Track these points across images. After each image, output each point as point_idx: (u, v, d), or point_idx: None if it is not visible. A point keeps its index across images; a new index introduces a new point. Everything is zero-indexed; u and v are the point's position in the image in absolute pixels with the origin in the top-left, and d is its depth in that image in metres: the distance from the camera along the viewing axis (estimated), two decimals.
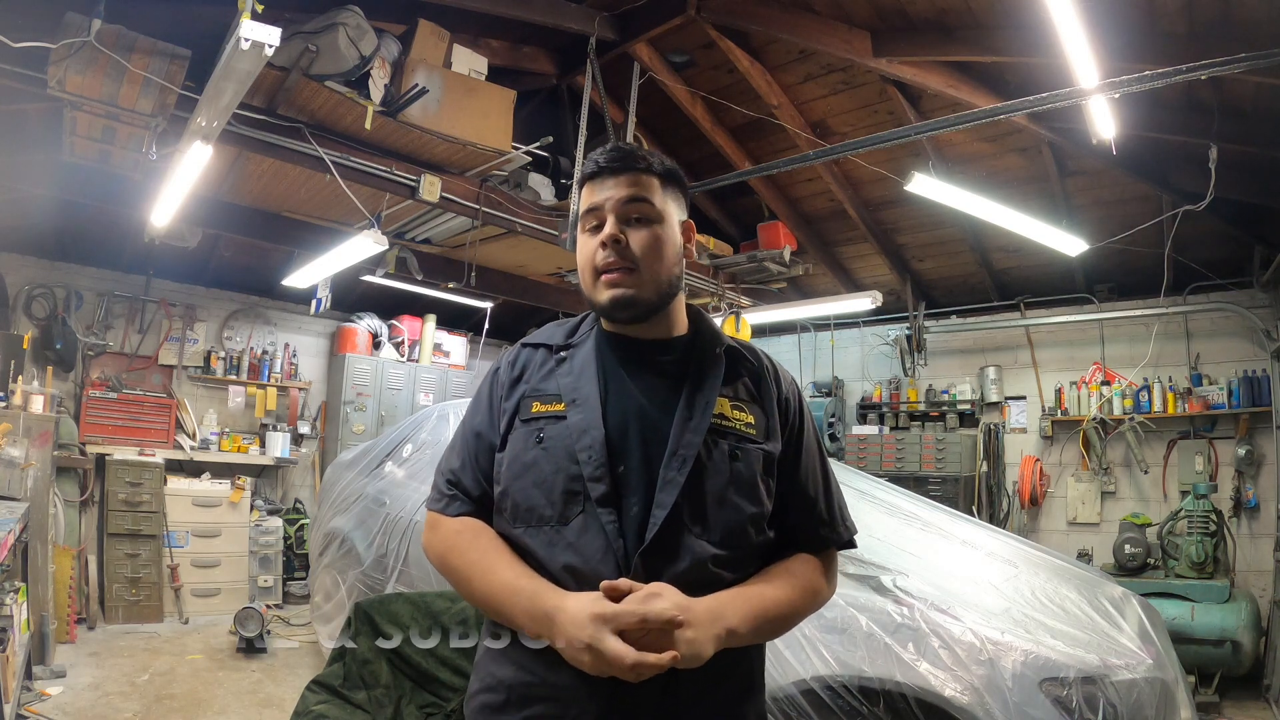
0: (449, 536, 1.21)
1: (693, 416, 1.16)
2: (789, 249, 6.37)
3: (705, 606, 1.06)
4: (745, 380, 1.26)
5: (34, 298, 6.02)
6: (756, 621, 1.11)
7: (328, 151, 4.29)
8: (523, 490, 1.15)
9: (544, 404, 1.19)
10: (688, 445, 1.13)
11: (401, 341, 7.69)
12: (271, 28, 2.70)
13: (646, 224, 1.20)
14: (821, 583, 1.24)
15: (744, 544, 1.16)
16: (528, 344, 1.30)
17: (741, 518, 1.16)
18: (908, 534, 2.91)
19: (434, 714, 2.34)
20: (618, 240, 1.18)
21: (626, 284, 1.18)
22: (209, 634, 5.47)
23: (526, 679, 1.12)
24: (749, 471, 1.18)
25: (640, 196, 1.20)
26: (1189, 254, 5.33)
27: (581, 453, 1.12)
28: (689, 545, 1.11)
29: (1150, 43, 3.75)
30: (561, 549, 1.11)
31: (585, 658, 1.01)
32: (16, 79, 3.39)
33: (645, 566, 1.08)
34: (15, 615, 3.25)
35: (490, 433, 1.23)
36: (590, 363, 1.21)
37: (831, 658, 2.06)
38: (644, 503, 1.11)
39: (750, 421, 1.21)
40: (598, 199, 1.21)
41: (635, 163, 1.22)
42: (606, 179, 1.21)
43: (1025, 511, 6.36)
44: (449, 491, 1.24)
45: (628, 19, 4.97)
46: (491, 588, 1.13)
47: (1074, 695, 2.00)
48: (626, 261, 1.18)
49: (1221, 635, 4.47)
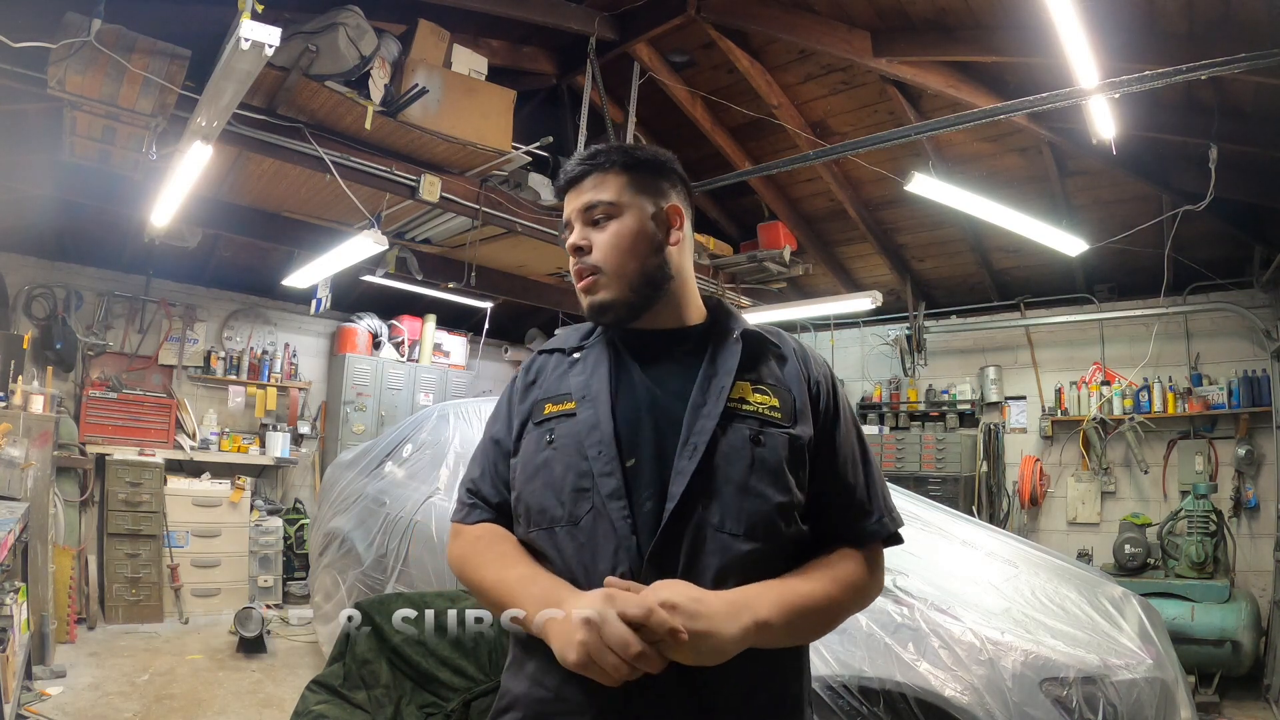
0: (469, 543, 1.19)
1: (705, 403, 1.11)
2: (789, 249, 6.38)
3: (726, 598, 0.98)
4: (770, 363, 1.19)
5: (34, 298, 6.02)
6: (790, 614, 1.01)
7: (328, 151, 4.29)
8: (534, 493, 1.14)
9: (556, 404, 1.18)
10: (700, 432, 1.08)
11: (401, 341, 7.69)
12: (271, 28, 2.69)
13: (606, 222, 1.19)
14: (866, 578, 1.13)
15: (774, 537, 1.08)
16: (544, 350, 1.29)
17: (768, 507, 1.08)
18: (908, 534, 2.89)
19: (434, 714, 2.34)
20: (579, 248, 1.19)
21: (595, 288, 1.18)
22: (209, 634, 5.47)
23: (540, 694, 1.07)
24: (774, 457, 1.10)
25: (596, 201, 1.19)
26: (1189, 254, 5.33)
27: (590, 448, 1.10)
28: (714, 539, 1.05)
29: (1150, 43, 3.75)
30: (573, 548, 1.08)
31: (571, 655, 0.93)
32: (16, 79, 3.38)
33: (664, 562, 1.03)
34: (15, 615, 3.25)
35: (506, 439, 1.23)
36: (602, 360, 1.19)
37: (831, 658, 2.06)
38: (657, 495, 1.07)
39: (774, 405, 1.13)
40: (567, 210, 1.23)
41: (595, 165, 1.21)
42: (572, 189, 1.22)
43: (1025, 511, 6.36)
44: (469, 501, 1.24)
45: (628, 19, 4.97)
46: (504, 586, 1.09)
47: (1074, 695, 2.00)
48: (591, 266, 1.18)
49: (1221, 635, 4.47)
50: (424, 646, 2.46)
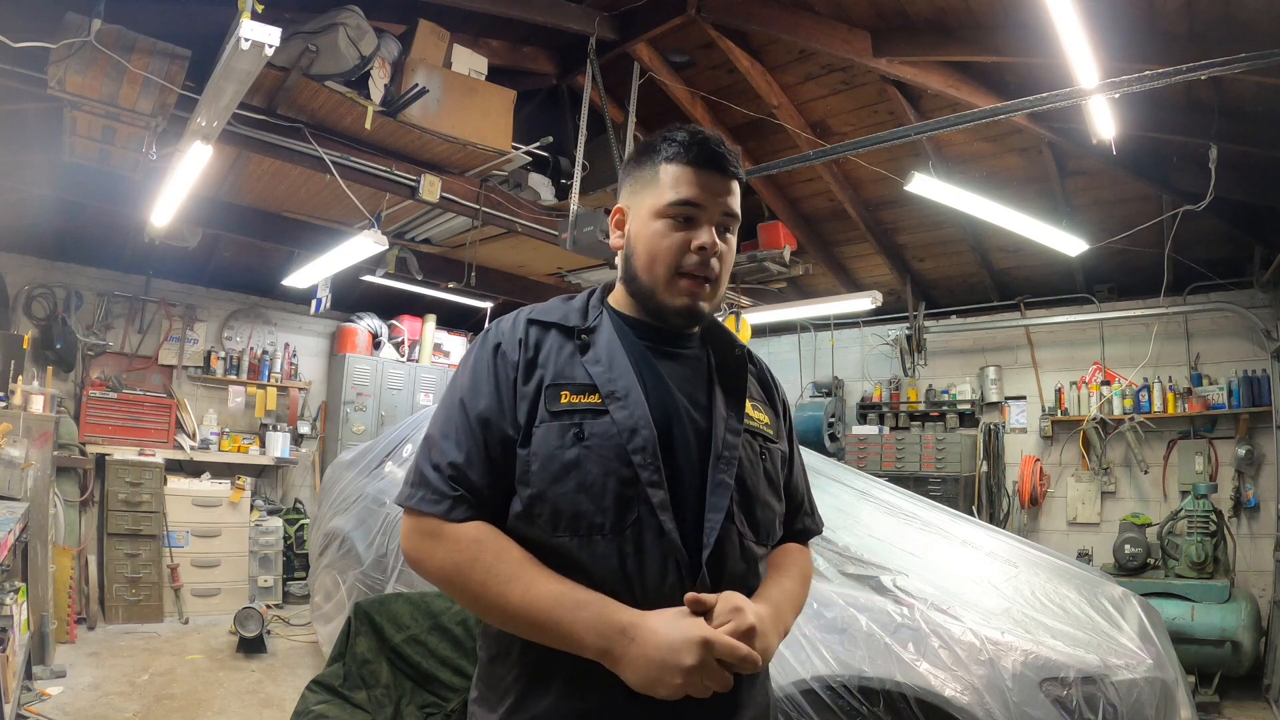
0: (467, 547, 1.03)
1: (729, 416, 1.15)
2: (789, 249, 6.37)
3: (768, 611, 1.07)
4: (754, 382, 1.27)
5: (34, 298, 6.02)
6: (794, 615, 1.17)
7: (328, 151, 4.29)
8: (565, 495, 1.04)
9: (576, 394, 1.08)
10: (730, 446, 1.12)
11: (401, 341, 7.70)
12: (271, 28, 2.70)
13: (731, 238, 1.17)
14: (812, 570, 1.32)
15: (773, 540, 1.21)
16: (536, 320, 1.16)
17: (774, 516, 1.19)
18: (908, 534, 2.91)
19: (434, 714, 2.34)
20: (717, 252, 1.13)
21: (704, 296, 1.14)
22: (209, 634, 5.47)
23: (579, 706, 1.03)
24: (774, 470, 1.20)
25: (736, 212, 1.16)
26: (1189, 254, 5.33)
27: (635, 454, 1.04)
28: (745, 547, 1.11)
29: (1150, 43, 3.75)
30: (617, 559, 1.03)
31: (677, 679, 0.95)
32: (16, 79, 3.39)
33: (714, 572, 1.06)
34: (15, 615, 3.25)
35: (502, 421, 1.07)
36: (619, 351, 1.13)
37: (831, 658, 2.06)
38: (693, 505, 1.08)
39: (767, 422, 1.23)
40: (699, 196, 1.12)
41: (736, 167, 1.16)
42: (712, 175, 1.13)
43: (1025, 511, 6.36)
44: (452, 491, 1.05)
45: (628, 19, 4.97)
46: (541, 602, 0.99)
47: (1074, 695, 2.00)
48: (712, 274, 1.14)
49: (1221, 635, 4.47)
50: (424, 646, 2.46)
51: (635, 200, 1.18)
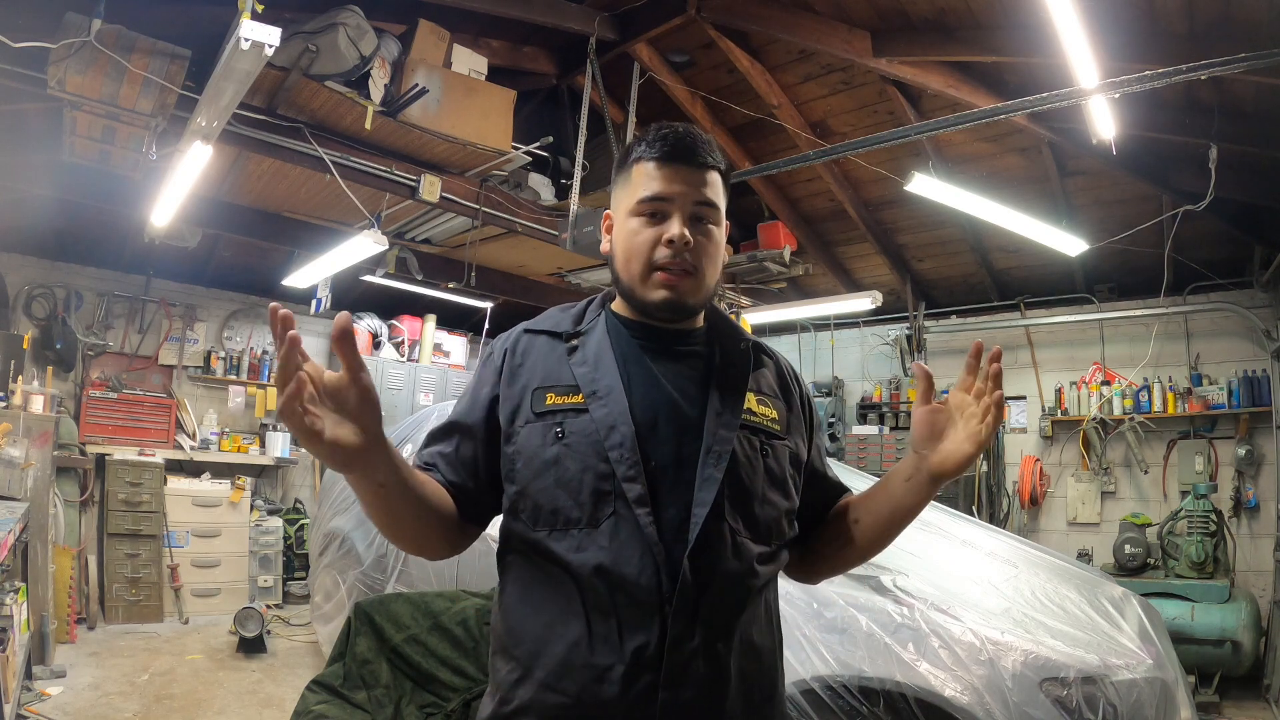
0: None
1: (724, 411, 1.12)
2: (789, 249, 6.37)
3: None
4: (766, 375, 1.24)
5: (34, 298, 6.02)
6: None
7: (328, 151, 4.29)
8: (544, 490, 1.07)
9: (560, 396, 1.11)
10: (723, 440, 1.09)
11: (401, 341, 7.69)
12: (271, 28, 2.70)
13: (707, 226, 1.15)
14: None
15: (780, 539, 1.16)
16: (530, 330, 1.21)
17: (778, 513, 1.15)
18: (908, 534, 2.88)
19: (434, 714, 2.34)
20: (687, 243, 1.12)
21: (683, 288, 1.13)
22: (209, 634, 5.47)
23: (559, 699, 1.03)
24: (779, 467, 1.16)
25: (710, 200, 1.15)
26: (1189, 254, 5.32)
27: (611, 450, 1.06)
28: (737, 544, 1.08)
29: (1150, 43, 3.75)
30: (592, 552, 1.04)
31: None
32: (16, 79, 3.39)
33: (692, 568, 1.03)
34: (15, 615, 3.25)
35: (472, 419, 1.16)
36: (606, 351, 1.14)
37: (831, 658, 2.06)
38: (680, 501, 1.06)
39: (774, 417, 1.19)
40: (667, 189, 1.13)
41: (707, 157, 1.15)
42: (679, 168, 1.13)
43: (1025, 511, 6.36)
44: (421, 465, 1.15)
45: (628, 19, 4.97)
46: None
47: (1074, 695, 2.00)
48: (688, 265, 1.13)
49: (1221, 635, 4.47)
50: (424, 646, 2.46)
51: (616, 203, 1.22)
